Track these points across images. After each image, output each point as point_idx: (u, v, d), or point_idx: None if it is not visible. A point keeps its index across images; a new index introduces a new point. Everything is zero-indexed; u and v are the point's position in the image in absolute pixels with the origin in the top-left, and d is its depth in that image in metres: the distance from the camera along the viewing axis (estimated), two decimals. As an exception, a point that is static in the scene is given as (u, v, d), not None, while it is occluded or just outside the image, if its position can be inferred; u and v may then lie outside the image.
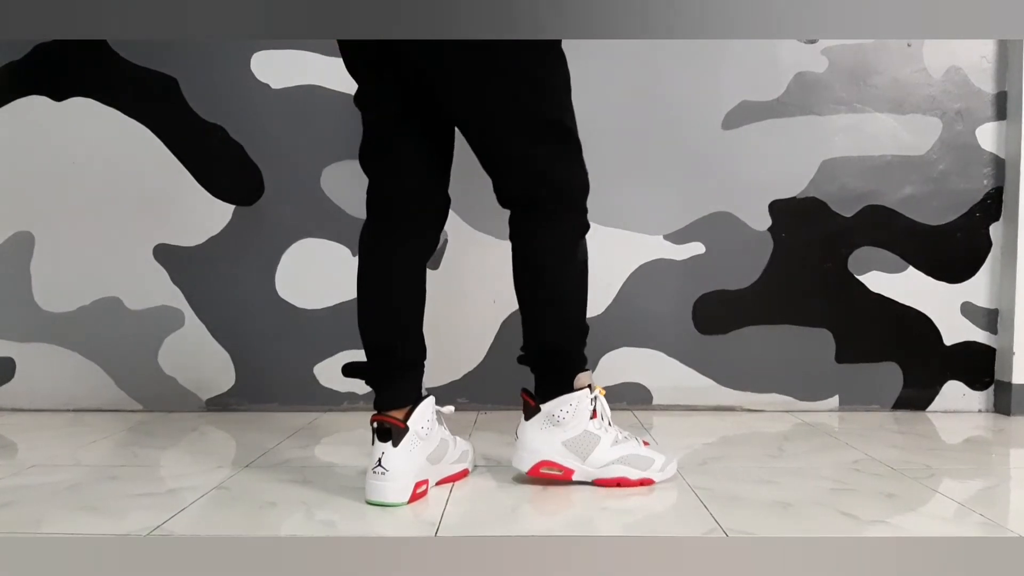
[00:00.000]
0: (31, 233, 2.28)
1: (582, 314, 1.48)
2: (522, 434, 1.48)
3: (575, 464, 1.45)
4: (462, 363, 2.26)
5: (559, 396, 1.45)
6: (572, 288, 1.46)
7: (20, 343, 2.29)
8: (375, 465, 1.35)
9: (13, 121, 2.26)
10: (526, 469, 1.46)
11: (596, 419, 1.46)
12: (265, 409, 2.26)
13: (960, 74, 2.22)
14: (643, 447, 1.50)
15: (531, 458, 1.46)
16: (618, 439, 1.47)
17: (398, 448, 1.34)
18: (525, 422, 1.48)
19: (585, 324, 1.49)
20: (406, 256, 1.43)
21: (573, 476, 1.46)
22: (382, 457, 1.34)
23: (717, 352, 2.25)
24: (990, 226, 2.23)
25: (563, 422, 1.44)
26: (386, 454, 1.34)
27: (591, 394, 1.46)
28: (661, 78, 2.22)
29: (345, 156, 2.23)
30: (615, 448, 1.46)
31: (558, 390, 1.45)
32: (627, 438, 1.49)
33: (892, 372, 2.25)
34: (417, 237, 1.45)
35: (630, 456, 1.46)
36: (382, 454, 1.35)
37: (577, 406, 1.44)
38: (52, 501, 1.39)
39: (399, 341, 1.42)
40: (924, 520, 1.29)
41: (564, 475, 1.45)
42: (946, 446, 1.85)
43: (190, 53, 2.22)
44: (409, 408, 1.39)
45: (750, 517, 1.29)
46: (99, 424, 2.09)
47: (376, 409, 1.40)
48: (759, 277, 2.24)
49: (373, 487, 1.35)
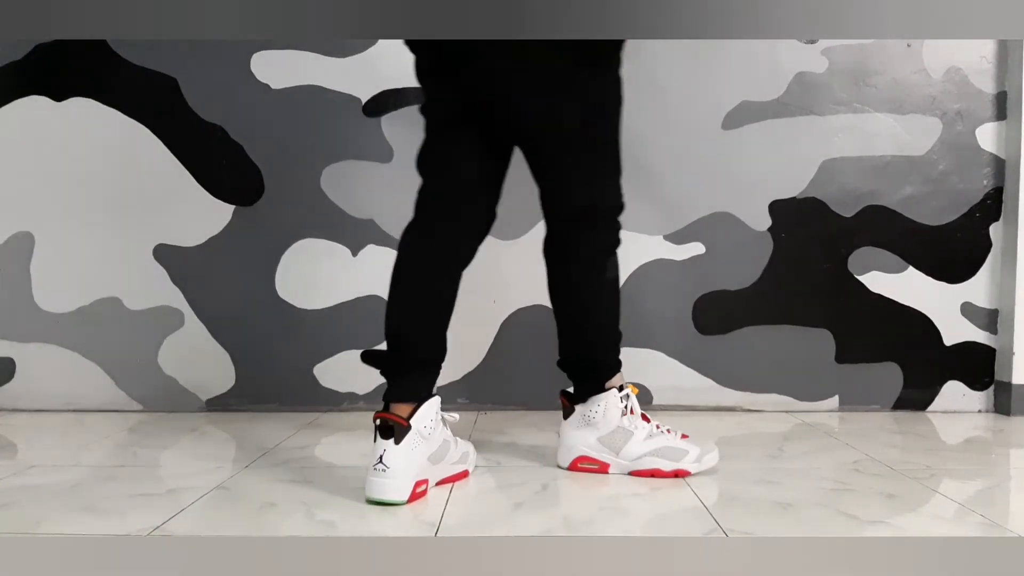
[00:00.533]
0: (31, 233, 2.27)
1: (614, 325, 1.58)
2: (562, 433, 1.60)
3: (610, 458, 1.55)
4: (462, 363, 2.25)
5: (591, 397, 1.55)
6: (604, 302, 1.56)
7: (20, 343, 2.28)
8: (376, 462, 1.35)
9: (13, 121, 2.26)
10: (566, 464, 1.58)
11: (628, 415, 1.54)
12: (265, 409, 2.26)
13: (960, 74, 2.22)
14: (680, 440, 1.56)
15: (569, 454, 1.58)
16: (652, 433, 1.55)
17: (400, 446, 1.34)
18: (564, 421, 1.60)
19: (618, 333, 1.59)
20: (440, 258, 1.48)
21: (609, 469, 1.55)
22: (383, 454, 1.34)
23: (717, 352, 2.25)
24: (990, 226, 2.23)
25: (595, 421, 1.55)
26: (387, 451, 1.34)
27: (620, 393, 1.55)
28: (661, 78, 2.22)
29: (345, 156, 2.23)
30: (648, 441, 1.54)
31: (591, 392, 1.56)
32: (663, 432, 1.56)
33: (892, 372, 2.25)
34: (455, 244, 1.49)
35: (663, 448, 1.53)
36: (383, 451, 1.34)
37: (606, 405, 1.54)
38: (52, 501, 1.39)
39: (418, 338, 1.45)
40: (924, 520, 1.29)
41: (600, 468, 1.55)
42: (946, 446, 1.85)
43: (190, 53, 2.22)
44: (414, 406, 1.39)
45: (750, 517, 1.29)
46: (99, 424, 2.09)
47: (384, 400, 1.41)
48: (759, 277, 2.24)
49: (373, 484, 1.35)
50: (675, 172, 2.23)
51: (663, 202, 2.23)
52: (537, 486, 1.48)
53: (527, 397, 2.25)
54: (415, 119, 2.24)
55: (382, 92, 2.22)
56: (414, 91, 2.22)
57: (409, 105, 2.22)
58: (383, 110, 2.23)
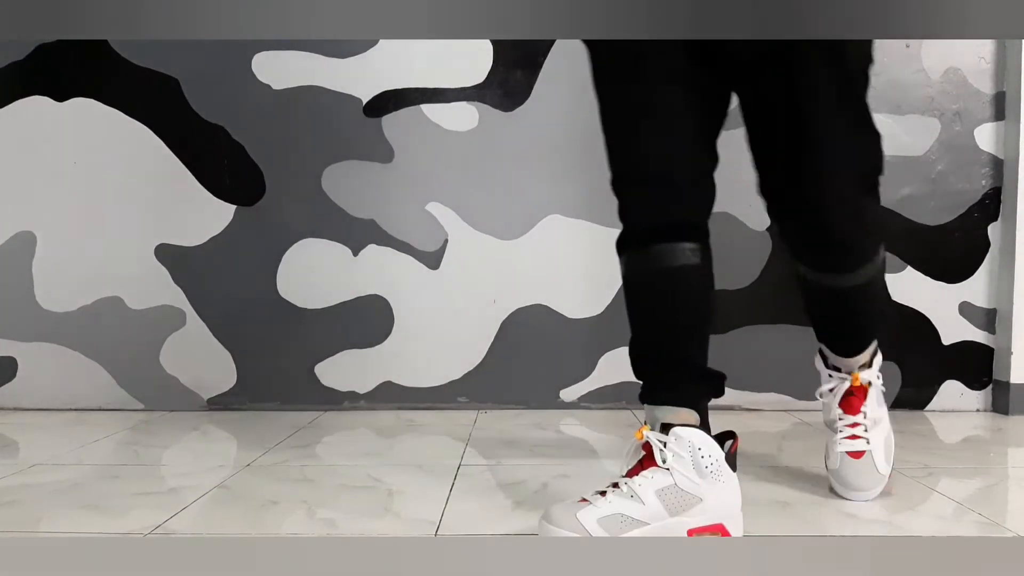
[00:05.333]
0: (33, 233, 2.28)
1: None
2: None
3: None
4: (462, 362, 2.26)
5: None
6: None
7: (22, 342, 2.29)
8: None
9: (15, 121, 2.26)
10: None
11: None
12: (266, 408, 2.26)
13: (958, 75, 2.22)
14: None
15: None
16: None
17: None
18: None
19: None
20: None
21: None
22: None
23: (716, 351, 2.23)
24: (988, 226, 2.23)
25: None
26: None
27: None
28: (661, 78, 2.22)
29: (346, 157, 2.23)
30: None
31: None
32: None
33: (890, 372, 2.25)
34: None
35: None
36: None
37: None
38: (54, 500, 1.40)
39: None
40: (922, 519, 1.29)
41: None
42: (944, 445, 1.85)
43: (191, 54, 2.23)
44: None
45: (750, 517, 1.29)
46: (101, 423, 2.09)
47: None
48: (758, 277, 2.24)
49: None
50: (675, 172, 2.23)
51: (663, 202, 2.23)
52: (537, 486, 1.48)
53: (527, 397, 2.26)
54: (416, 120, 2.26)
55: (383, 93, 2.23)
56: (414, 91, 2.22)
57: (410, 106, 2.22)
58: (384, 111, 2.23)
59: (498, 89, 2.23)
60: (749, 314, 2.24)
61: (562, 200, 2.23)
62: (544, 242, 2.24)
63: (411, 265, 2.25)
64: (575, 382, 2.26)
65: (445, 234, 2.24)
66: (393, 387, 2.27)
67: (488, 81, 2.22)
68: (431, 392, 2.26)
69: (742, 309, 2.24)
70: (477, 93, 2.23)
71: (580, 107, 2.32)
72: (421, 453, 1.75)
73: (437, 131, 2.23)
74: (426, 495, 1.41)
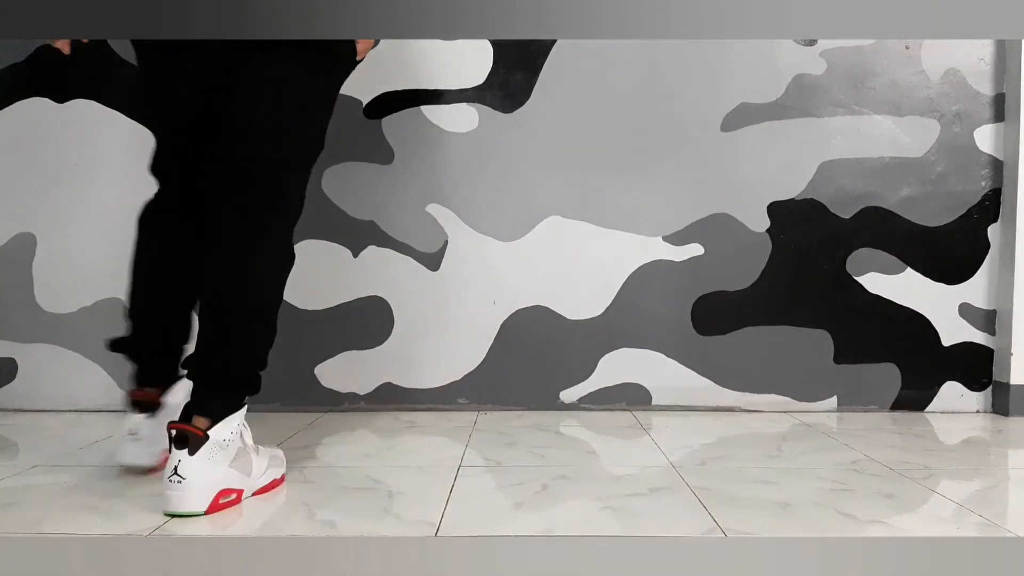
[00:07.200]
0: (33, 234, 2.28)
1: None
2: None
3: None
4: (462, 363, 2.26)
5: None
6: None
7: (22, 344, 2.29)
8: (170, 474, 1.30)
9: (15, 123, 2.26)
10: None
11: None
12: (266, 409, 2.26)
13: (958, 76, 2.22)
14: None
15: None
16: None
17: (194, 457, 1.31)
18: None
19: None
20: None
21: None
22: (177, 465, 1.30)
23: (716, 353, 2.26)
24: (988, 227, 2.24)
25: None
26: (182, 462, 1.30)
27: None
28: (661, 79, 2.22)
29: (346, 158, 2.23)
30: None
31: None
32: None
33: (890, 373, 2.26)
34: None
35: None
36: (178, 462, 1.30)
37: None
38: (54, 501, 1.40)
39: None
40: (922, 520, 1.29)
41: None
42: (944, 447, 1.85)
43: (191, 55, 2.22)
44: (210, 420, 1.34)
45: (749, 517, 1.29)
46: (100, 424, 2.09)
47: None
48: (758, 278, 2.24)
49: (170, 498, 1.30)
50: (674, 174, 2.23)
51: (662, 204, 2.23)
52: (537, 486, 1.48)
53: (527, 397, 2.26)
54: (416, 121, 2.26)
55: (383, 94, 2.23)
56: (415, 93, 2.22)
57: (410, 107, 2.22)
58: (384, 112, 2.23)
59: (498, 90, 2.23)
60: (748, 315, 2.25)
61: (562, 201, 2.24)
62: (544, 243, 2.24)
63: (411, 266, 2.25)
64: (575, 383, 2.26)
65: (445, 235, 2.24)
66: (393, 388, 2.27)
67: (488, 82, 2.23)
68: (431, 393, 2.26)
69: (741, 310, 2.24)
70: (477, 94, 2.23)
71: (580, 108, 2.34)
72: (421, 454, 1.75)
73: (437, 132, 2.23)
74: (426, 496, 1.41)
